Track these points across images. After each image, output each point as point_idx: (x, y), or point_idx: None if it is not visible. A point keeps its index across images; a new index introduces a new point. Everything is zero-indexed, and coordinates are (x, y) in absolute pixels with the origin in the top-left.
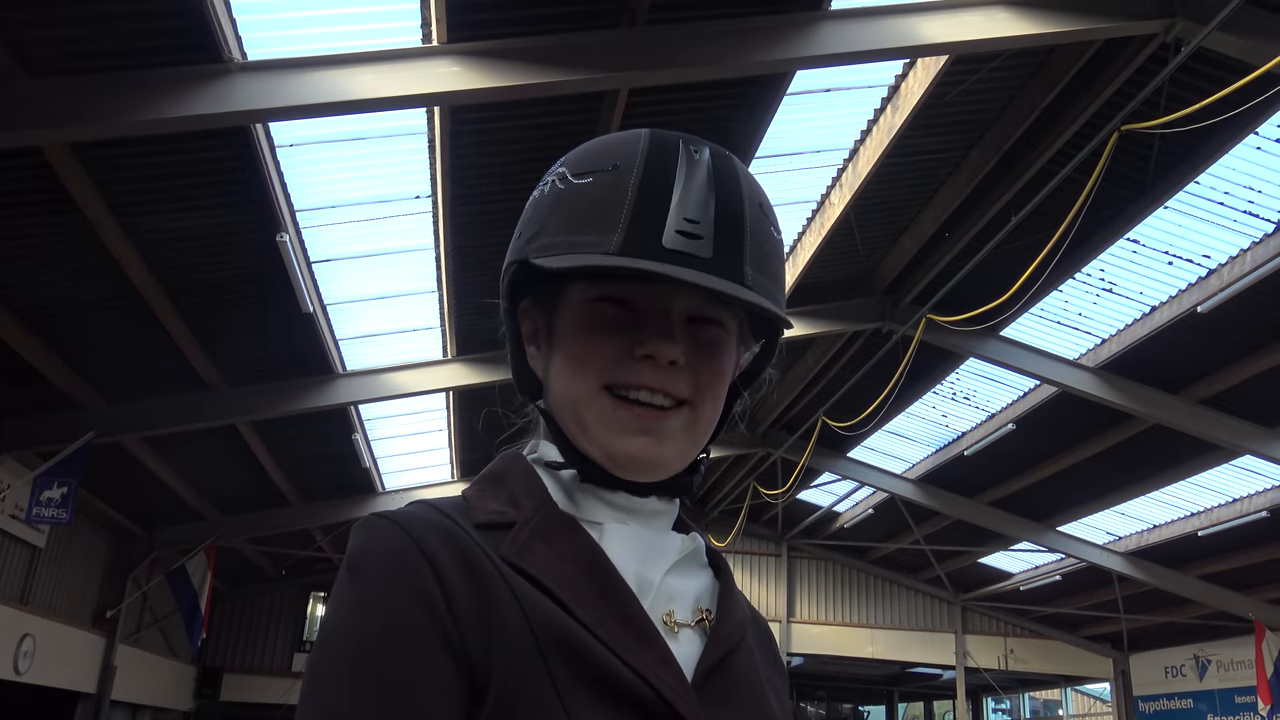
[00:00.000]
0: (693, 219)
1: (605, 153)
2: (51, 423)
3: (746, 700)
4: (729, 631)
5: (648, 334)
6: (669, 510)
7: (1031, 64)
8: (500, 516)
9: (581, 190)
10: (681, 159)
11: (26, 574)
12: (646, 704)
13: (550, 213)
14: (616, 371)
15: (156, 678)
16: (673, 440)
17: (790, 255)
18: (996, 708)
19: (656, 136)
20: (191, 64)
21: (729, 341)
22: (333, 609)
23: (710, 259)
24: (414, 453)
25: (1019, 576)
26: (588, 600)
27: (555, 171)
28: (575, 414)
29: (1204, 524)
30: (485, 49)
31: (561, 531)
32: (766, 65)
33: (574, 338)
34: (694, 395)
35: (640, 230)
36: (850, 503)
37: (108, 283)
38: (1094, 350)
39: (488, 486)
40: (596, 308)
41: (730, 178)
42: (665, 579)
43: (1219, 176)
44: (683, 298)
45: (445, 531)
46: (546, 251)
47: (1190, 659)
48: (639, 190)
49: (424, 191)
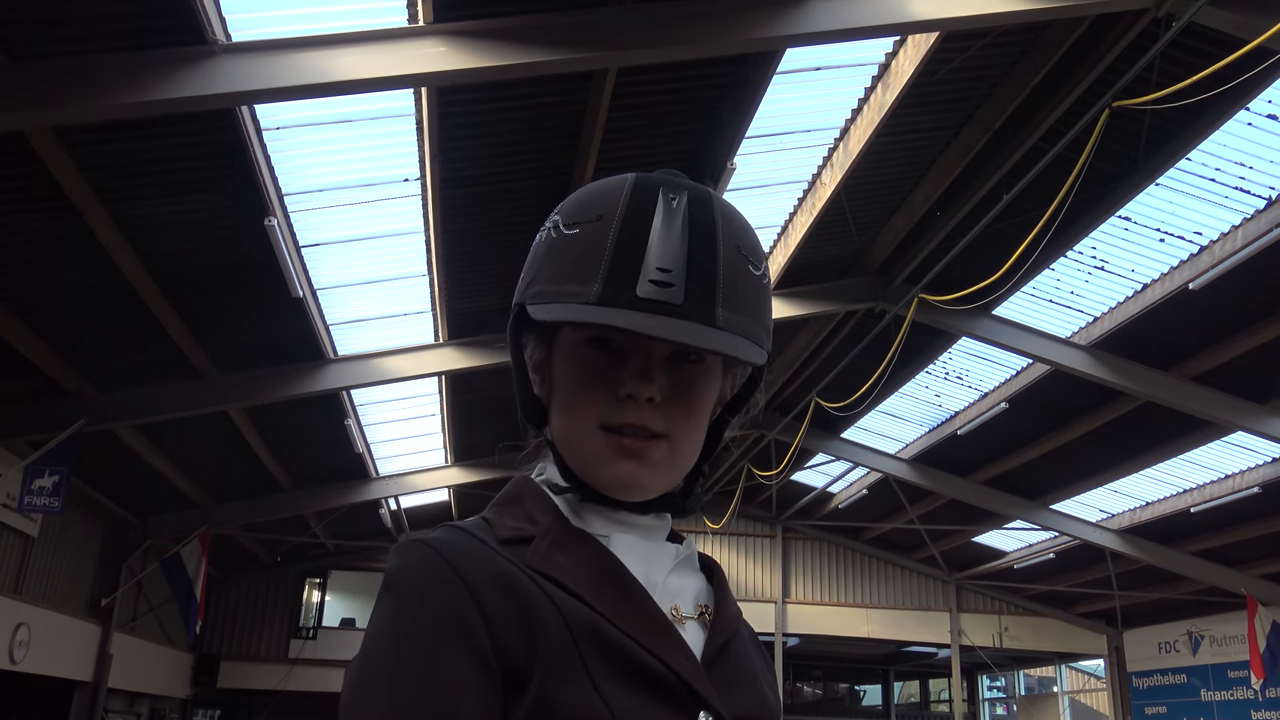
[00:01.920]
0: (665, 268)
1: (591, 204)
2: (41, 411)
3: (747, 684)
4: (726, 622)
5: (626, 375)
6: (663, 525)
7: (1022, 41)
8: (520, 532)
9: (569, 241)
10: (659, 208)
11: (20, 563)
12: (667, 684)
13: (544, 261)
14: (605, 413)
15: (153, 665)
16: (654, 467)
17: (782, 236)
18: (991, 685)
19: (639, 186)
20: (175, 45)
21: (709, 376)
22: (372, 625)
23: (682, 305)
24: (407, 438)
25: (1013, 555)
26: (608, 598)
27: (552, 219)
28: (573, 450)
29: (1196, 500)
30: (472, 29)
31: (576, 542)
32: (756, 44)
33: (568, 382)
34: (670, 430)
35: (616, 281)
36: (844, 483)
37: (96, 269)
38: (1086, 328)
39: (505, 508)
40: (585, 350)
41: (705, 224)
42: (668, 579)
43: (1210, 153)
44: (660, 340)
45: (473, 549)
46: (539, 299)
47: (1183, 634)
48: (616, 243)
49: (413, 174)
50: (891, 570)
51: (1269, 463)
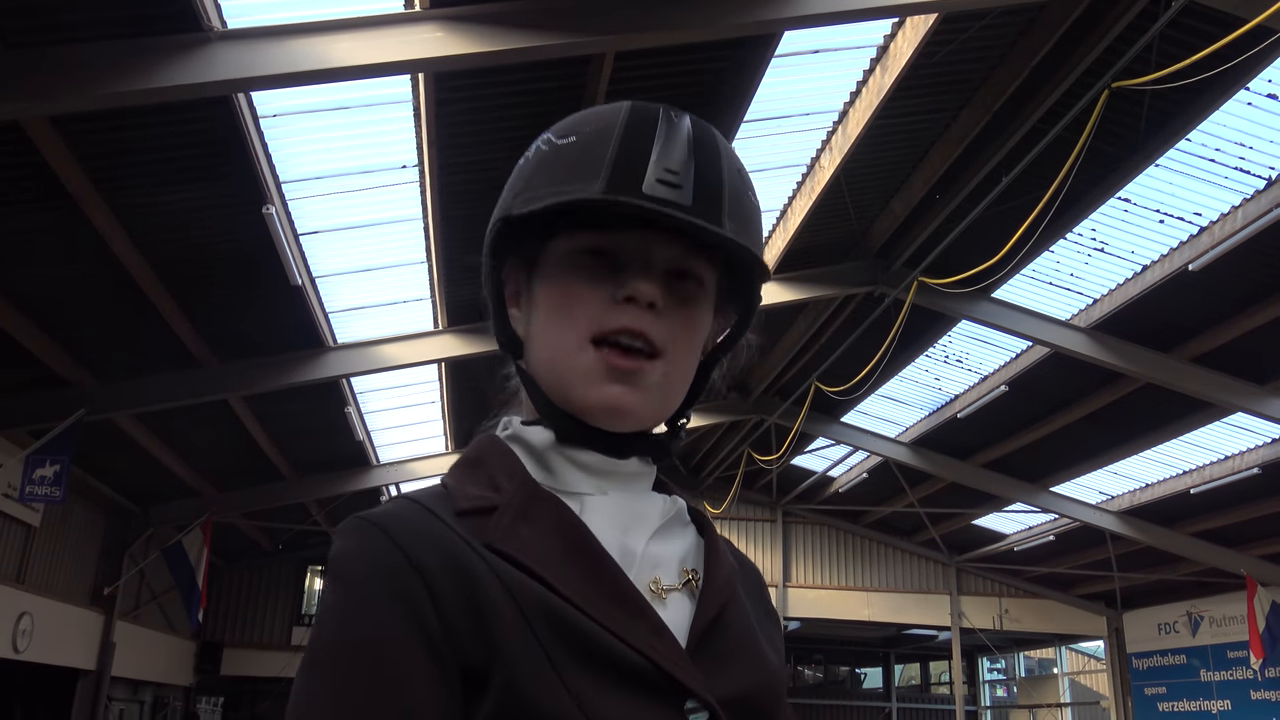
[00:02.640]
0: (673, 170)
1: (589, 117)
2: (42, 401)
3: (742, 656)
4: (717, 590)
5: (628, 278)
6: (648, 472)
7: (1021, 21)
8: (481, 501)
9: (565, 149)
10: (662, 121)
11: (22, 553)
12: (645, 676)
13: (535, 170)
14: (600, 318)
15: (156, 654)
16: (647, 392)
17: (780, 220)
18: (992, 667)
19: (638, 103)
20: (171, 33)
21: (706, 299)
22: (319, 615)
23: (690, 206)
24: (407, 425)
25: (1013, 537)
26: (575, 580)
27: (541, 138)
28: (555, 368)
29: (1196, 481)
30: (468, 14)
31: (544, 511)
32: (754, 26)
33: (555, 290)
34: (668, 345)
35: (622, 177)
36: (844, 467)
37: (94, 259)
38: (1086, 310)
39: (466, 471)
40: (578, 259)
41: (709, 142)
42: (649, 546)
43: (1210, 133)
44: (662, 248)
45: (426, 529)
46: (529, 203)
47: (1183, 615)
48: (620, 144)
49: (410, 161)
50: (892, 553)
51: (1269, 443)
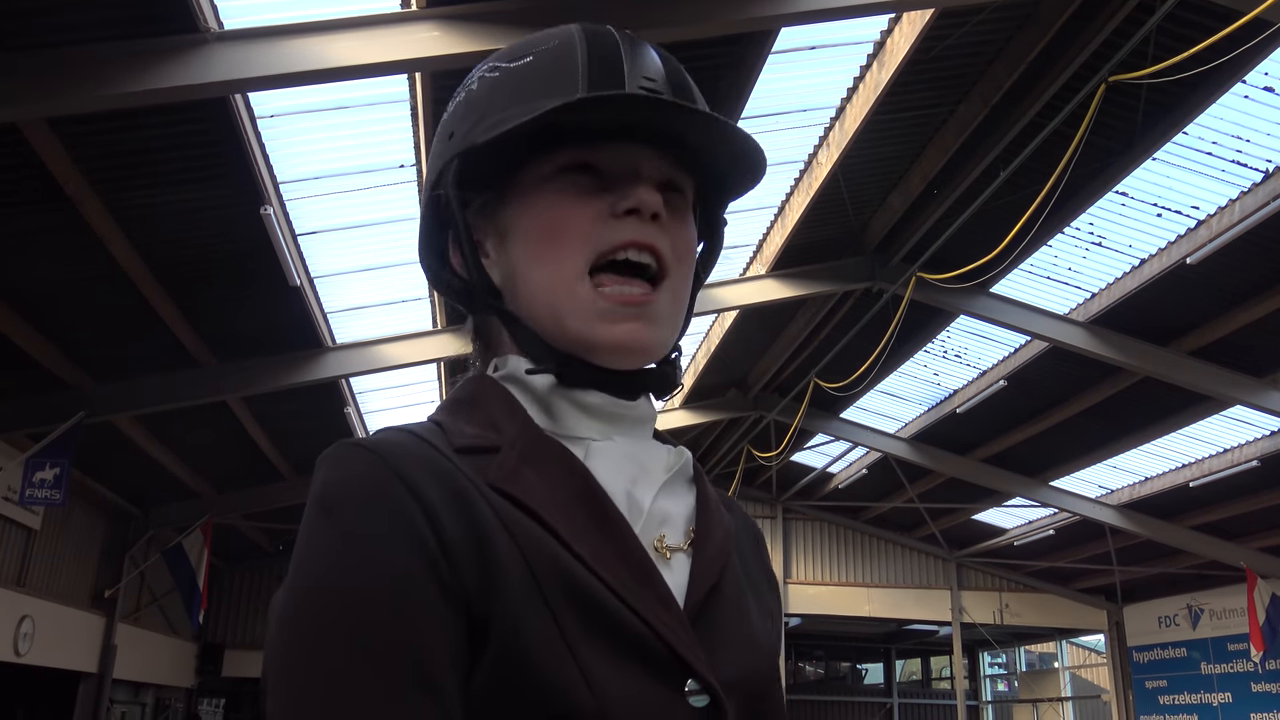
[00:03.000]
0: (650, 77)
1: (538, 38)
2: (41, 404)
3: (738, 633)
4: (712, 557)
5: (626, 188)
6: (652, 416)
7: (1018, 16)
8: (482, 440)
9: (523, 67)
10: (619, 35)
11: (23, 556)
12: (647, 645)
13: (490, 97)
14: (600, 235)
15: (158, 656)
16: (659, 324)
17: (778, 217)
18: (993, 662)
19: (588, 24)
20: (168, 34)
21: (690, 215)
22: (307, 556)
23: None
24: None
25: (1013, 532)
26: (585, 534)
27: (482, 68)
28: (551, 304)
29: (1195, 475)
30: (465, 12)
31: (550, 456)
32: (750, 23)
33: (541, 214)
34: (673, 264)
35: (602, 82)
36: (844, 463)
37: (92, 261)
38: (1084, 304)
39: (462, 411)
40: (564, 179)
41: (668, 55)
42: (656, 501)
43: (1207, 126)
44: (650, 160)
45: (426, 458)
46: (499, 126)
47: (1183, 609)
48: (589, 53)
49: (408, 160)
50: (892, 549)
51: (1267, 436)
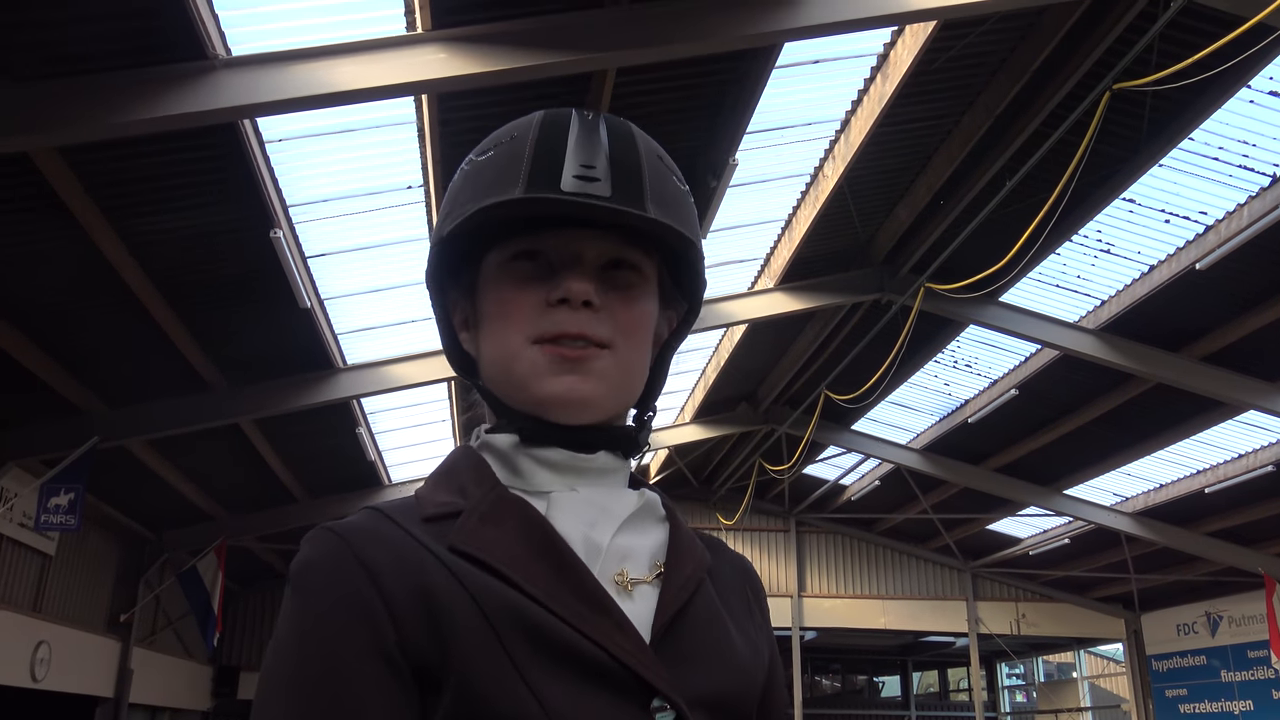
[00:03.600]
0: (588, 164)
1: (505, 130)
2: (55, 429)
3: (710, 653)
4: (681, 584)
5: (561, 278)
6: (620, 468)
7: (1021, 26)
8: (447, 507)
9: (484, 164)
10: (574, 120)
11: (39, 582)
12: (608, 671)
13: (459, 191)
14: (536, 322)
15: (173, 679)
16: (600, 379)
17: (785, 230)
18: (1011, 673)
19: (551, 110)
20: (176, 62)
21: (647, 288)
22: (278, 623)
23: (609, 197)
24: (418, 444)
25: (1028, 541)
26: (539, 577)
27: (465, 161)
28: (507, 371)
29: (1210, 481)
30: (470, 34)
31: (509, 512)
32: (753, 39)
33: (494, 299)
34: (614, 338)
35: (538, 179)
36: (856, 475)
37: (104, 287)
38: (1094, 312)
39: (440, 481)
40: (512, 266)
41: (624, 133)
42: (615, 539)
43: (1213, 132)
44: (593, 242)
45: (385, 537)
46: (454, 219)
47: (1201, 616)
48: (535, 148)
49: (415, 181)
50: (906, 561)
51: None
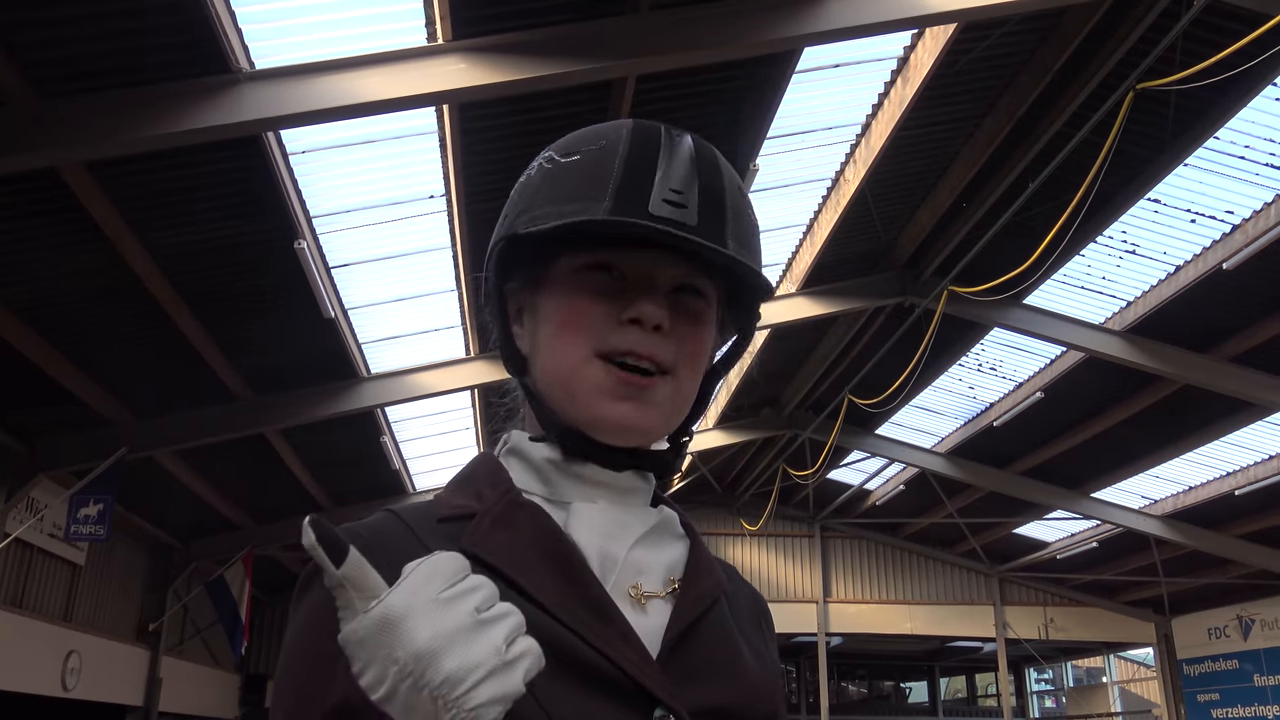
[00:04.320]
0: (677, 189)
1: (591, 135)
2: (84, 441)
3: (719, 667)
4: (695, 599)
5: (634, 298)
6: (644, 487)
7: (1042, 27)
8: (462, 509)
9: (569, 167)
10: (664, 140)
11: (69, 591)
12: (610, 680)
13: (538, 189)
14: (605, 337)
15: (202, 688)
16: (657, 409)
17: (807, 234)
18: (1039, 678)
19: (640, 122)
20: (201, 76)
21: (710, 315)
22: (289, 623)
23: (695, 226)
24: (442, 452)
25: (1055, 545)
26: (547, 584)
27: (543, 156)
28: (564, 383)
29: (1241, 483)
30: (490, 44)
31: (523, 518)
32: (773, 44)
33: (562, 305)
34: (676, 364)
35: (627, 197)
36: (881, 480)
37: (131, 299)
38: (1120, 313)
39: (458, 485)
40: (584, 275)
41: (710, 160)
42: (631, 552)
43: (1239, 130)
44: (668, 266)
45: (392, 533)
46: (534, 223)
47: (1233, 619)
48: (625, 163)
49: (438, 191)
50: (932, 565)
51: None
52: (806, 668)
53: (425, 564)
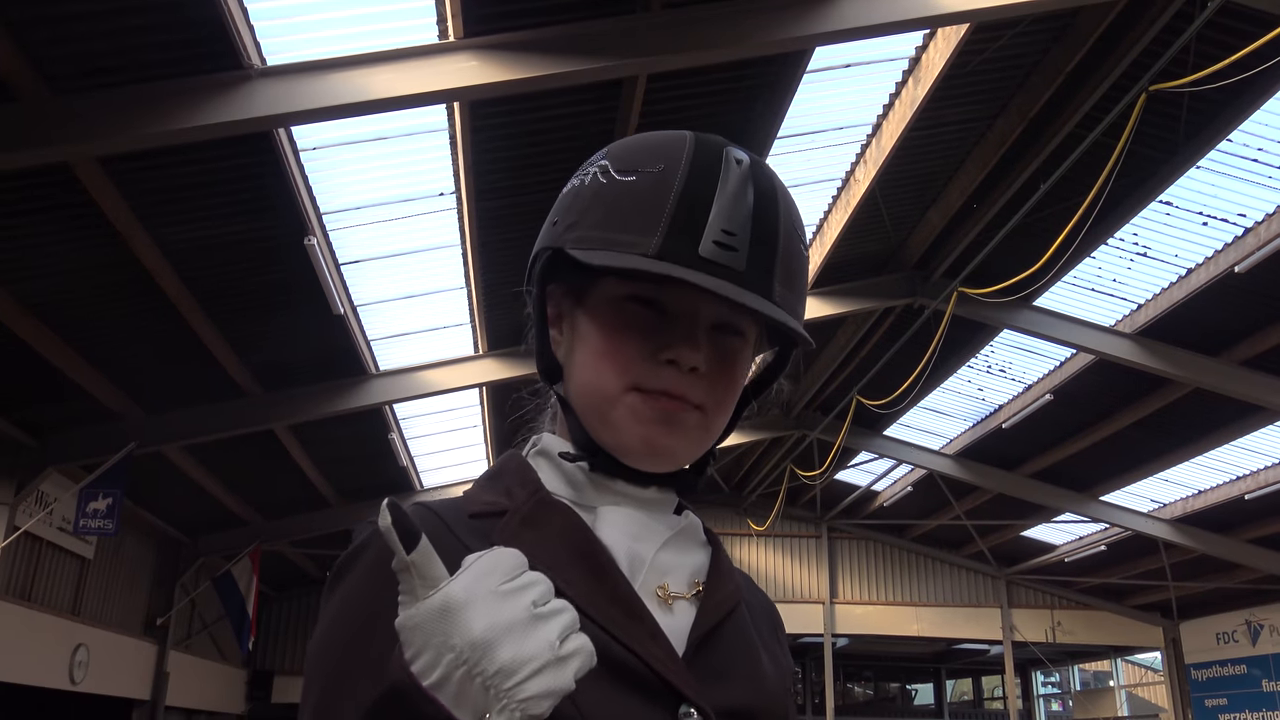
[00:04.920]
0: (730, 231)
1: (651, 151)
2: (93, 435)
3: (740, 669)
4: (718, 602)
5: (674, 339)
6: (668, 500)
7: (1055, 28)
8: (492, 506)
9: (624, 188)
10: (724, 168)
11: (77, 585)
12: (638, 676)
13: (590, 205)
14: (642, 374)
15: (208, 682)
16: (686, 434)
17: (817, 234)
18: (1046, 681)
19: (701, 142)
20: (212, 72)
21: (747, 352)
22: (320, 611)
23: (743, 272)
24: (450, 449)
25: (1063, 548)
26: (577, 581)
27: (598, 163)
28: (597, 409)
29: (1250, 487)
30: (502, 42)
31: (552, 517)
32: (785, 43)
33: (602, 334)
34: (709, 403)
35: (679, 236)
36: (888, 481)
37: (141, 294)
38: (1130, 316)
39: (486, 483)
40: (626, 306)
41: (768, 195)
42: (658, 554)
43: (1252, 133)
44: (710, 306)
45: (428, 531)
46: (583, 244)
47: (1242, 624)
48: (681, 195)
49: (448, 188)
50: (940, 567)
51: None
52: (812, 668)
53: (486, 557)
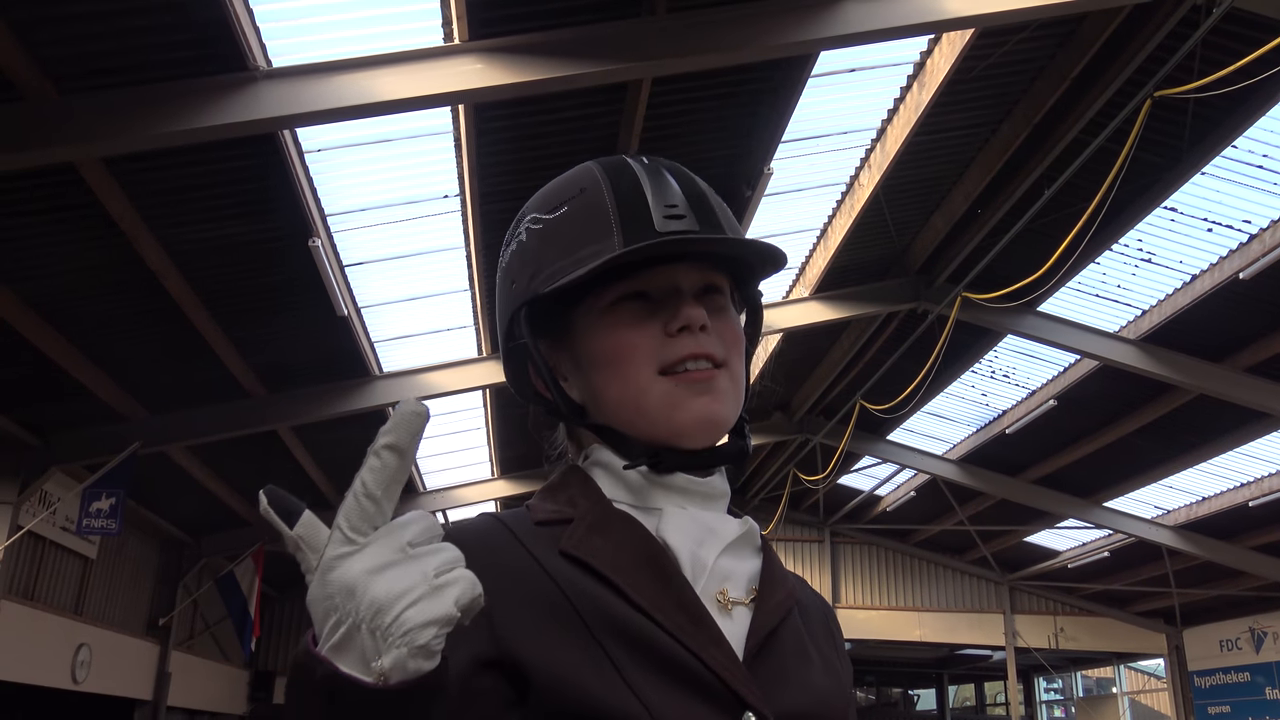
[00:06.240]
0: (671, 204)
1: (565, 185)
2: (97, 435)
3: (796, 676)
4: (772, 609)
5: (672, 311)
6: (725, 494)
7: (1060, 33)
8: (558, 514)
9: (560, 220)
10: (637, 167)
11: (80, 585)
12: (703, 681)
13: (539, 250)
14: (661, 353)
15: (211, 683)
16: (725, 397)
17: (821, 239)
18: (1049, 687)
19: (604, 160)
20: (218, 74)
21: (731, 305)
22: None
23: (699, 230)
24: (453, 451)
25: (1066, 554)
26: (644, 587)
27: (524, 222)
28: (635, 405)
29: (1255, 494)
30: (507, 45)
31: (617, 525)
32: (789, 48)
33: (608, 341)
34: (728, 356)
35: (634, 225)
36: (891, 486)
37: (146, 294)
38: (1134, 322)
39: (549, 494)
40: (617, 308)
41: (682, 172)
42: (719, 560)
43: (1257, 139)
44: (687, 274)
45: (492, 535)
46: (554, 279)
47: (1245, 632)
48: (616, 198)
49: (452, 191)
50: (942, 573)
51: None
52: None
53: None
